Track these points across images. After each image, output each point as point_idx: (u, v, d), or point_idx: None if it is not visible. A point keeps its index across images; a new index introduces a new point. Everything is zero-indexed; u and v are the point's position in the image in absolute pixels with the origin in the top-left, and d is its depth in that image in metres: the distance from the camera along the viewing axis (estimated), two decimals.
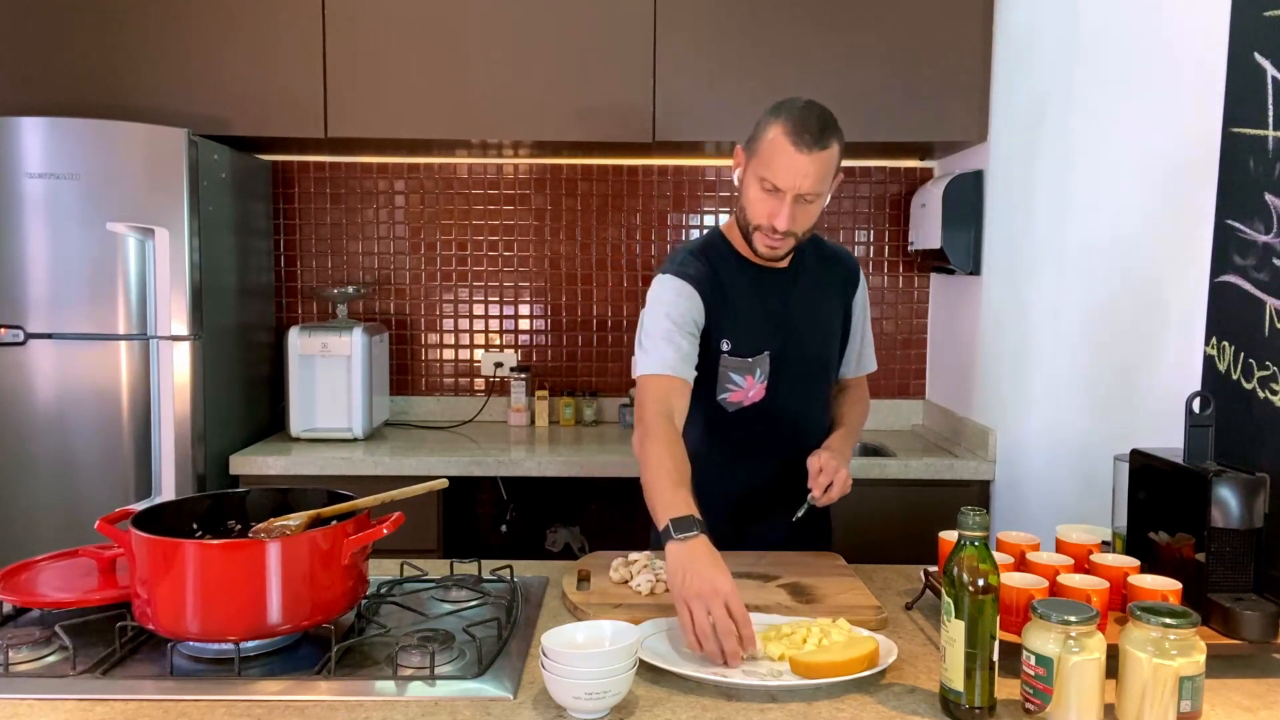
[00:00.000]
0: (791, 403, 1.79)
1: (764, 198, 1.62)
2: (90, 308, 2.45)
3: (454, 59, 2.72)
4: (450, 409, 3.23)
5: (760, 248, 1.68)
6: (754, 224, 1.66)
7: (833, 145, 1.60)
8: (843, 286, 1.86)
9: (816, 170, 1.58)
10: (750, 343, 1.74)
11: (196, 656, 1.26)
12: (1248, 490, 1.28)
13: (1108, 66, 2.05)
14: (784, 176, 1.58)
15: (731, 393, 1.76)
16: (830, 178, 1.63)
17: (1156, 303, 1.82)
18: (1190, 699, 1.07)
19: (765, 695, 1.17)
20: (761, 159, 1.61)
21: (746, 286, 1.75)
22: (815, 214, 1.65)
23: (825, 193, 1.64)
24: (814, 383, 1.83)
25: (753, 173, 1.63)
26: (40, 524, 2.46)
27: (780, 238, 1.64)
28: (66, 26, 2.70)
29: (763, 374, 1.75)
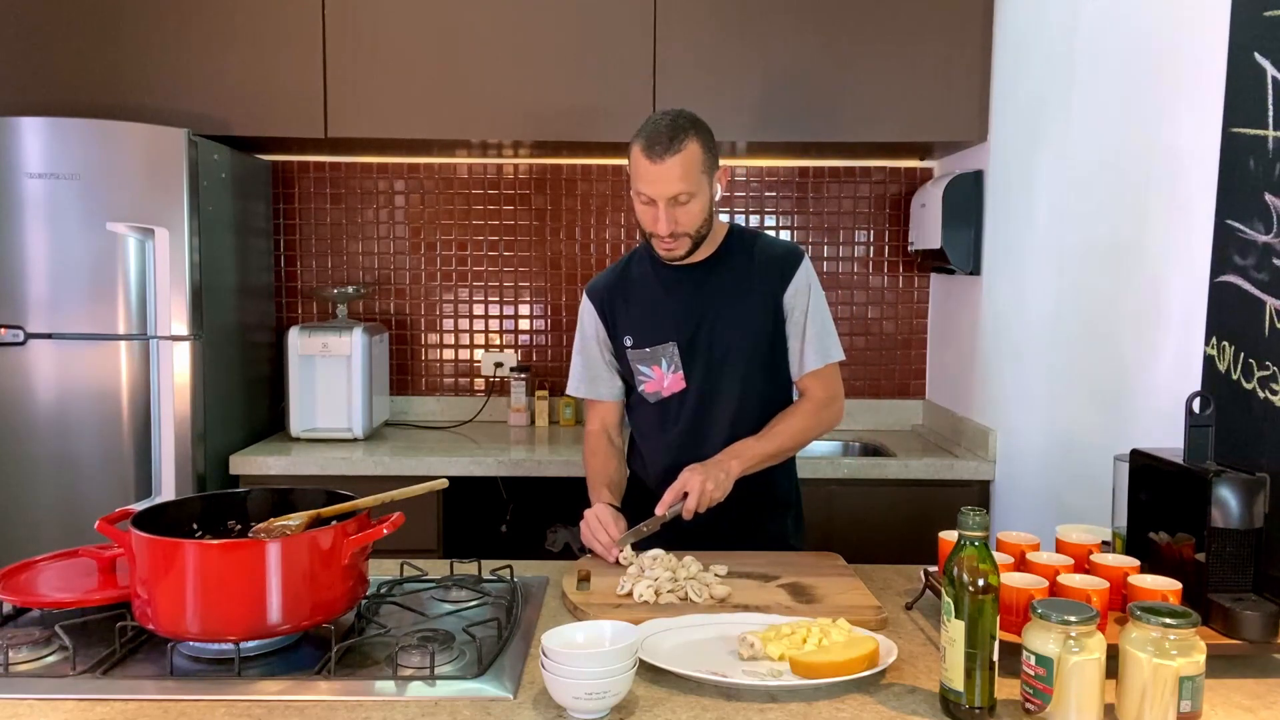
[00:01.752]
0: (718, 390, 1.85)
1: (644, 209, 1.76)
2: (90, 308, 2.45)
3: (454, 59, 2.72)
4: (450, 409, 3.23)
5: (659, 252, 1.81)
6: (647, 231, 1.79)
7: (687, 146, 1.70)
8: (769, 280, 1.85)
9: (674, 174, 1.70)
10: (649, 335, 1.86)
11: (196, 656, 1.26)
12: (1248, 490, 1.28)
13: (1108, 66, 2.05)
14: (648, 187, 1.72)
15: (645, 383, 1.88)
16: (697, 175, 1.72)
17: (1156, 303, 1.81)
18: (1190, 699, 1.07)
19: (765, 695, 1.17)
20: (633, 176, 1.76)
21: (655, 284, 1.88)
22: (698, 212, 1.75)
23: (700, 190, 1.74)
24: (739, 371, 1.85)
25: (633, 189, 1.77)
26: (40, 524, 2.46)
27: (670, 240, 1.76)
28: (66, 26, 2.70)
29: (671, 364, 1.85)
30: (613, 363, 1.94)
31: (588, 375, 1.95)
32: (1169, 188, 1.79)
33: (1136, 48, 1.93)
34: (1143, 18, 1.91)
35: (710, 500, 1.69)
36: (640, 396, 1.91)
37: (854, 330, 3.21)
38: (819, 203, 3.20)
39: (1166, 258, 1.79)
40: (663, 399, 1.88)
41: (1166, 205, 1.80)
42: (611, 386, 1.95)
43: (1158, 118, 1.84)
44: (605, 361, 1.94)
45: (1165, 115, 1.81)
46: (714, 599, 1.45)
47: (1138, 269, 1.90)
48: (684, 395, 1.86)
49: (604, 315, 1.91)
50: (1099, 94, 2.08)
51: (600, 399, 1.96)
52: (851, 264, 3.21)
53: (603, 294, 1.92)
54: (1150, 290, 1.84)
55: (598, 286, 1.94)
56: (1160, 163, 1.82)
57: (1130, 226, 1.93)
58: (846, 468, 2.62)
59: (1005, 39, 2.64)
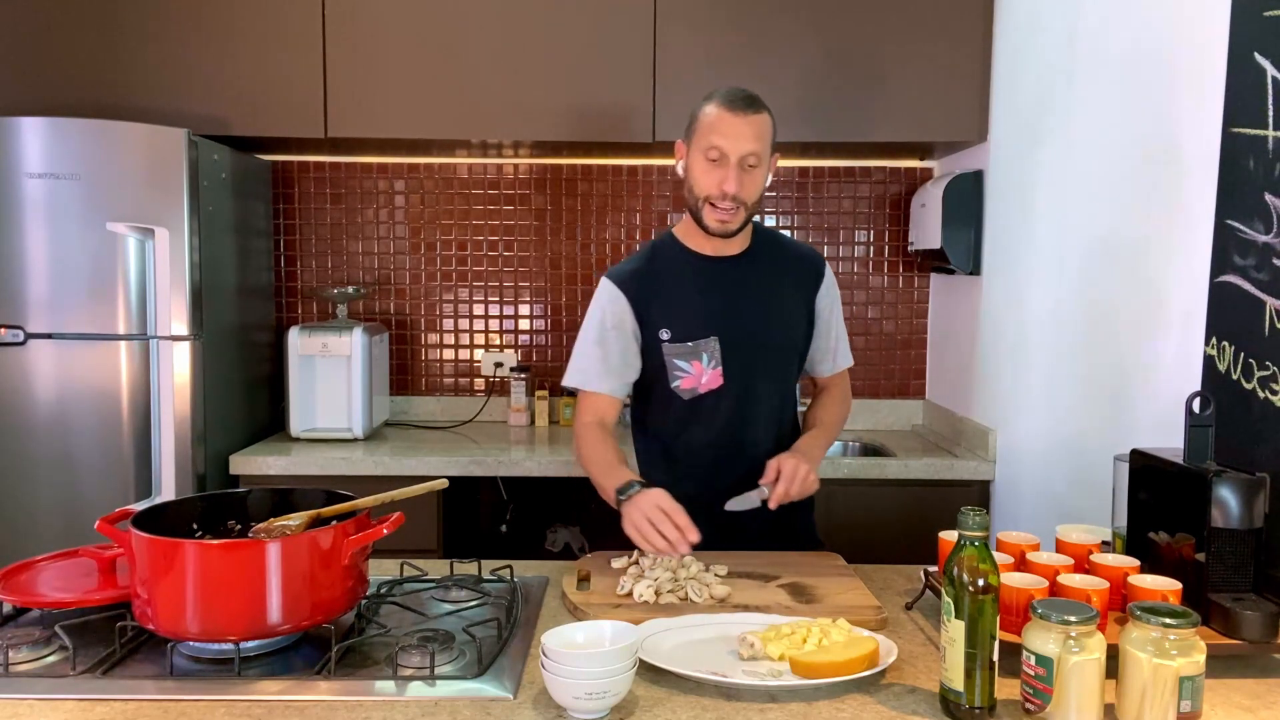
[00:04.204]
0: (754, 388, 1.81)
1: (710, 169, 1.70)
2: (90, 308, 2.45)
3: (454, 59, 2.72)
4: (450, 409, 3.23)
5: (712, 223, 1.74)
6: (703, 197, 1.73)
7: (764, 114, 1.71)
8: (805, 281, 1.87)
9: (754, 132, 1.69)
10: (690, 329, 1.79)
11: (196, 656, 1.26)
12: (1248, 490, 1.28)
13: (1108, 66, 2.05)
14: (726, 140, 1.68)
15: (682, 379, 1.80)
16: (768, 146, 1.72)
17: (1156, 303, 1.81)
18: (1190, 699, 1.07)
19: (765, 695, 1.17)
20: (702, 134, 1.71)
21: (690, 277, 1.82)
22: (759, 183, 1.73)
23: (764, 163, 1.72)
24: (775, 369, 1.84)
25: (696, 149, 1.72)
26: (40, 524, 2.46)
27: (731, 207, 1.70)
28: (66, 26, 2.70)
29: (712, 359, 1.79)
30: (636, 356, 1.82)
31: (604, 367, 1.80)
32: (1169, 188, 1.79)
33: (1136, 48, 1.93)
34: (1143, 18, 1.91)
35: (803, 492, 1.67)
36: (670, 393, 1.80)
37: (854, 330, 3.21)
38: (819, 203, 3.20)
39: (1166, 258, 1.79)
40: (698, 395, 1.80)
41: (1166, 205, 1.80)
42: (624, 381, 1.83)
43: (1158, 118, 1.84)
44: (629, 354, 1.81)
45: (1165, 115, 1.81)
46: (714, 599, 1.45)
47: (1138, 269, 1.90)
48: (720, 392, 1.79)
49: (635, 305, 1.79)
50: (1099, 94, 2.08)
51: (609, 394, 1.82)
52: (851, 264, 3.21)
53: (633, 284, 1.80)
54: (1150, 290, 1.84)
55: (626, 275, 1.82)
56: (1160, 163, 1.82)
57: (1130, 226, 1.93)
58: (846, 468, 2.62)
59: (1005, 39, 2.64)
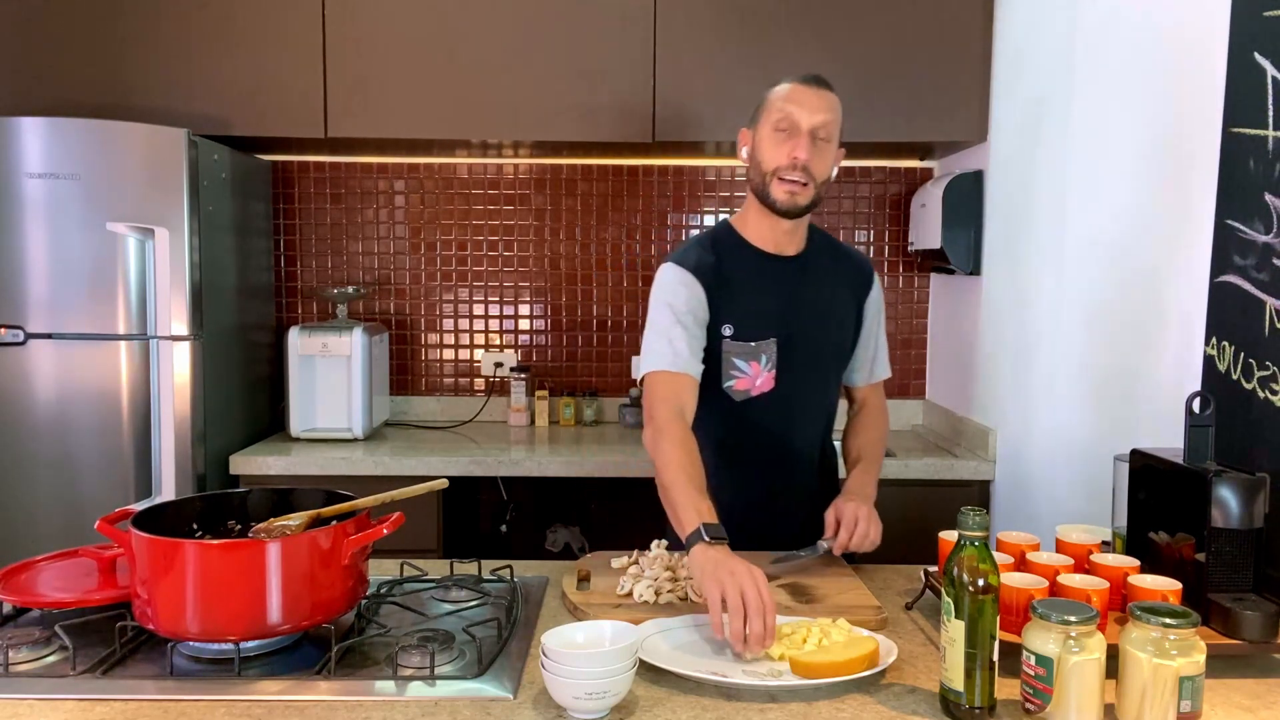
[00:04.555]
0: (803, 392, 1.77)
1: (781, 140, 1.66)
2: (90, 308, 2.45)
3: (454, 59, 2.72)
4: (450, 409, 3.23)
5: (780, 195, 1.67)
6: (771, 169, 1.67)
7: (836, 97, 1.68)
8: (855, 284, 1.84)
9: (827, 105, 1.66)
10: (754, 328, 1.72)
11: (196, 656, 1.26)
12: (1248, 490, 1.28)
13: (1108, 66, 2.05)
14: (799, 110, 1.64)
15: (737, 380, 1.73)
16: (837, 124, 1.69)
17: (1156, 303, 1.82)
18: (1190, 699, 1.07)
19: (765, 695, 1.17)
20: (773, 107, 1.68)
21: (752, 274, 1.75)
22: (829, 162, 1.69)
23: (833, 142, 1.68)
24: (825, 372, 1.81)
25: (765, 124, 1.68)
26: (40, 524, 2.46)
27: (801, 179, 1.65)
28: (66, 26, 2.70)
29: (769, 361, 1.73)
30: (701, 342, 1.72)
31: (689, 348, 1.66)
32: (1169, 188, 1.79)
33: (1136, 48, 1.93)
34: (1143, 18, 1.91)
35: (872, 543, 1.61)
36: (720, 392, 1.73)
37: None
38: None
39: (1167, 258, 1.79)
40: (750, 397, 1.74)
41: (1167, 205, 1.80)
42: (701, 367, 1.70)
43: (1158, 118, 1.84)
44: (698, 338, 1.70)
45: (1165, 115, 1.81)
46: None
47: (1138, 269, 1.90)
48: (770, 396, 1.74)
49: (708, 295, 1.70)
50: (1099, 94, 2.08)
51: (694, 376, 1.67)
52: None
53: (707, 274, 1.71)
54: (1150, 290, 1.84)
55: (698, 264, 1.72)
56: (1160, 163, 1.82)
57: (1130, 227, 1.93)
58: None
59: (1005, 39, 2.64)
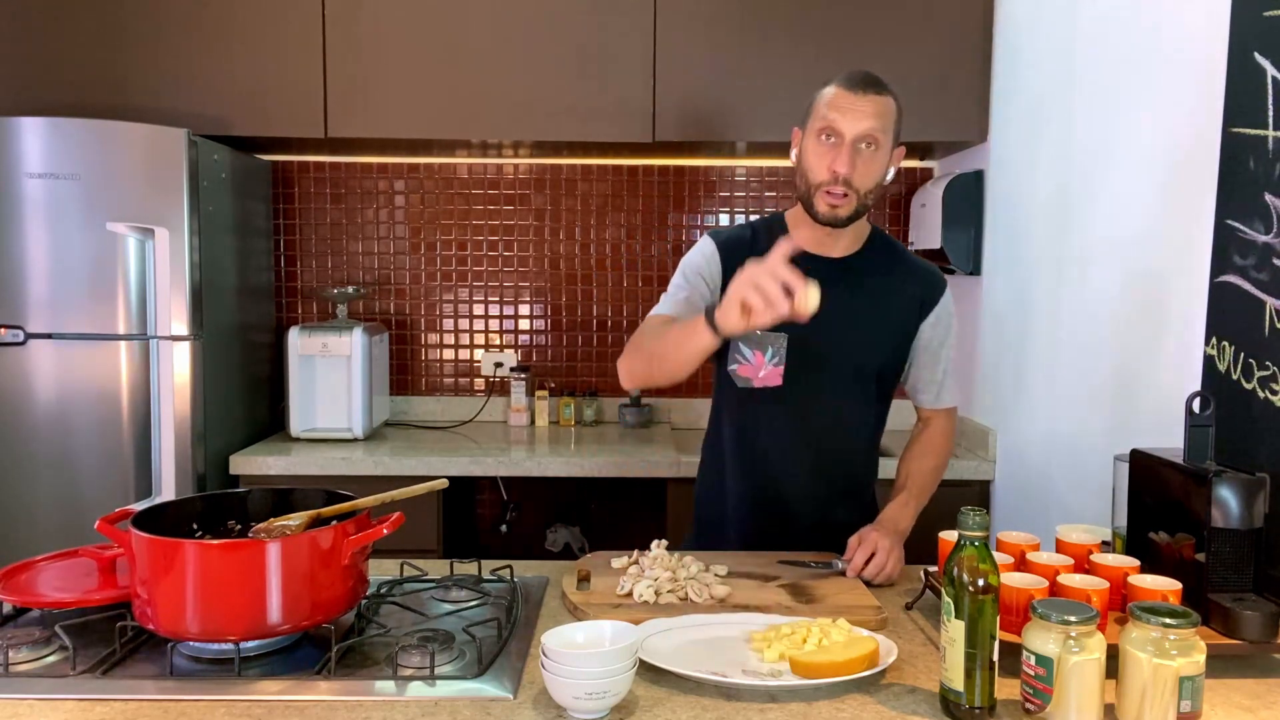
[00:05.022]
0: (815, 400, 1.72)
1: (824, 150, 1.61)
2: (90, 308, 2.45)
3: (454, 59, 2.72)
4: (450, 409, 3.23)
5: (822, 207, 1.63)
6: (814, 181, 1.63)
7: (889, 96, 1.61)
8: (917, 297, 1.74)
9: (874, 110, 1.59)
10: None
11: (196, 656, 1.26)
12: (1248, 490, 1.27)
13: (1108, 66, 2.05)
14: (842, 118, 1.58)
15: (740, 365, 1.68)
16: (890, 132, 1.62)
17: (1156, 303, 1.81)
18: (1190, 699, 1.07)
19: (765, 695, 1.17)
20: (819, 115, 1.62)
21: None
22: (877, 170, 1.62)
23: (887, 146, 1.62)
24: (844, 386, 1.73)
25: (812, 131, 1.63)
26: (40, 524, 2.46)
27: (842, 192, 1.60)
28: (66, 26, 2.70)
29: (776, 355, 1.66)
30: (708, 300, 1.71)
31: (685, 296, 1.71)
32: (1169, 187, 1.79)
33: (1136, 47, 1.93)
34: (1142, 18, 1.91)
35: (887, 577, 1.58)
36: (726, 374, 1.69)
37: None
38: None
39: (1166, 258, 1.79)
40: (752, 389, 1.66)
41: (1166, 205, 1.80)
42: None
43: (1157, 118, 1.84)
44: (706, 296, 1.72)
45: (1165, 115, 1.81)
46: (714, 599, 1.45)
47: (1138, 269, 1.90)
48: (779, 394, 1.66)
49: (726, 270, 1.69)
50: (1099, 94, 2.08)
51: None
52: None
53: (730, 249, 1.70)
54: (1150, 290, 1.84)
55: (726, 239, 1.73)
56: (1160, 162, 1.82)
57: (1130, 227, 1.93)
58: None
59: (1005, 39, 2.64)
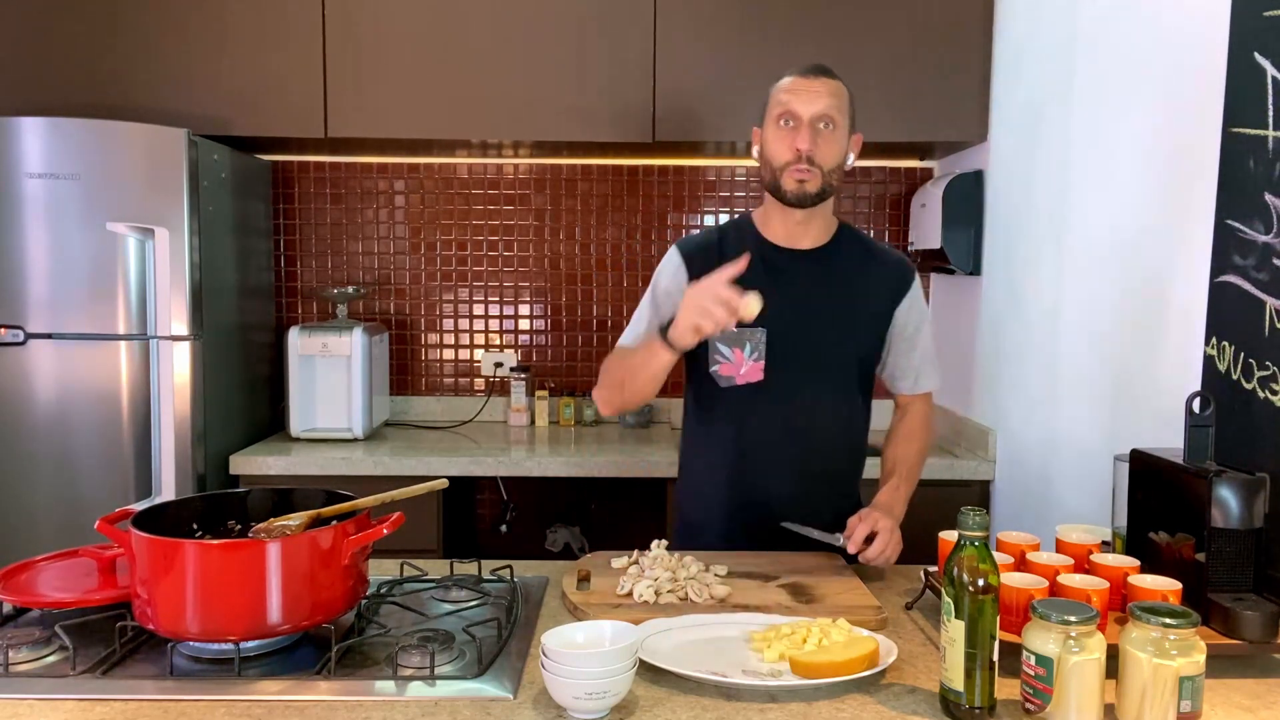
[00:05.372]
0: (797, 392, 1.74)
1: (785, 134, 1.67)
2: (90, 308, 2.45)
3: (454, 59, 2.72)
4: (450, 409, 3.23)
5: (790, 185, 1.68)
6: (779, 164, 1.68)
7: (839, 82, 1.69)
8: (889, 286, 1.79)
9: (828, 91, 1.66)
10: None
11: (196, 656, 1.26)
12: (1248, 490, 1.28)
13: (1108, 66, 2.05)
14: (797, 100, 1.66)
15: (721, 365, 1.74)
16: (845, 114, 1.69)
17: (1156, 303, 1.81)
18: (1190, 699, 1.07)
19: (765, 695, 1.17)
20: (776, 102, 1.68)
21: (756, 263, 1.69)
22: (838, 149, 1.69)
23: (841, 127, 1.68)
24: (825, 376, 1.76)
25: (770, 120, 1.69)
26: (40, 524, 2.46)
27: (806, 168, 1.66)
28: (66, 26, 2.70)
29: (755, 351, 1.72)
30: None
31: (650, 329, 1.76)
32: (1169, 187, 1.79)
33: (1136, 48, 1.93)
34: (1142, 18, 1.91)
35: (886, 560, 1.60)
36: (707, 375, 1.75)
37: None
38: None
39: (1166, 258, 1.79)
40: (735, 386, 1.73)
41: (1166, 205, 1.80)
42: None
43: (1157, 118, 1.84)
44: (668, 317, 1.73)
45: (1165, 115, 1.81)
46: (714, 599, 1.45)
47: (1138, 269, 1.90)
48: (759, 389, 1.72)
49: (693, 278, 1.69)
50: (1099, 94, 2.08)
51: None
52: None
53: (696, 255, 1.76)
54: (1150, 290, 1.84)
55: (693, 248, 1.79)
56: (1160, 162, 1.82)
57: (1130, 227, 1.93)
58: None
59: (1005, 39, 2.64)
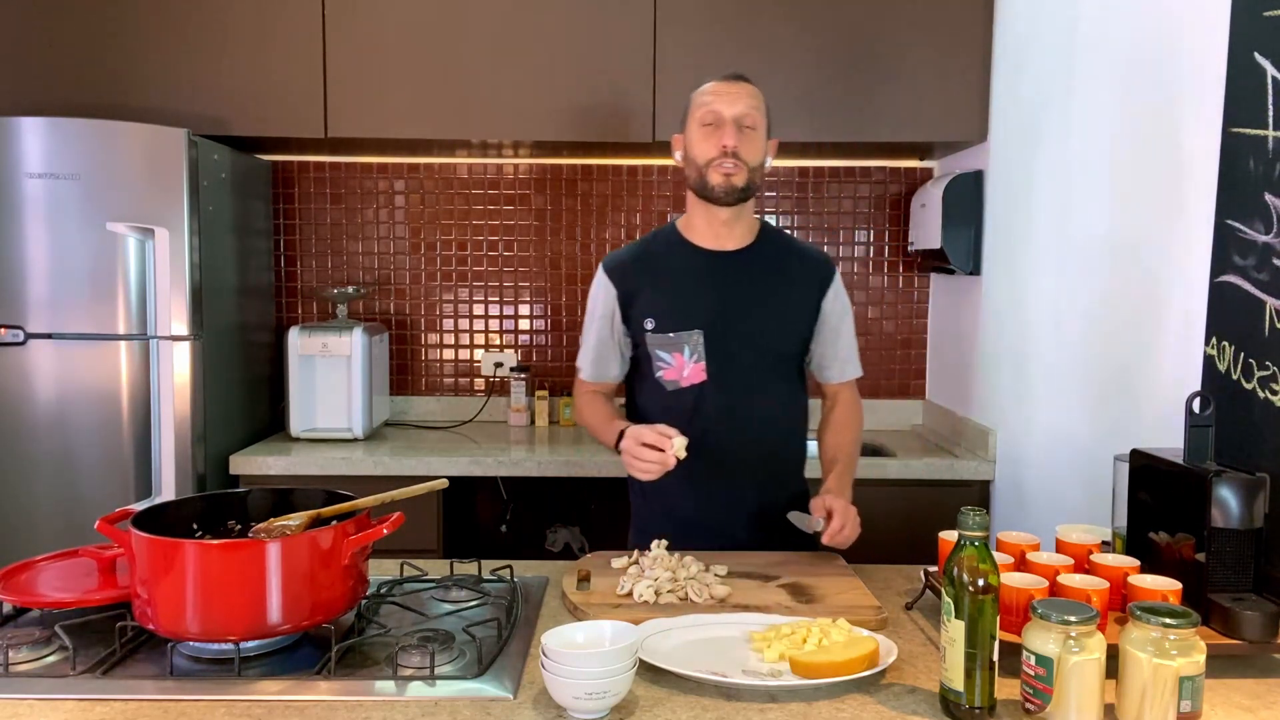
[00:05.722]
0: (741, 385, 1.80)
1: (709, 133, 1.74)
2: (90, 308, 2.45)
3: (454, 59, 2.72)
4: (450, 409, 3.23)
5: (716, 179, 1.74)
6: (704, 161, 1.74)
7: (757, 88, 1.78)
8: (810, 282, 1.85)
9: (747, 93, 1.75)
10: (674, 320, 1.78)
11: (196, 656, 1.26)
12: (1248, 490, 1.28)
13: (1108, 66, 2.05)
14: (719, 101, 1.73)
15: (664, 370, 1.81)
16: (763, 115, 1.77)
17: (1156, 303, 1.81)
18: (1190, 699, 1.07)
19: (765, 695, 1.17)
20: (699, 105, 1.76)
21: (684, 268, 1.81)
22: (758, 148, 1.76)
23: (762, 128, 1.76)
24: (766, 369, 1.82)
25: (693, 123, 1.77)
26: (40, 524, 2.46)
27: (733, 162, 1.72)
28: (66, 26, 2.70)
29: (695, 353, 1.78)
30: (623, 344, 1.85)
31: (596, 355, 1.87)
32: (1169, 188, 1.79)
33: (1136, 48, 1.93)
34: (1142, 18, 1.91)
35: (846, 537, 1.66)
36: (655, 384, 1.82)
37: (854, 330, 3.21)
38: (819, 203, 3.20)
39: (1166, 258, 1.79)
40: (680, 389, 1.80)
41: (1166, 205, 1.80)
42: (617, 368, 1.88)
43: (1158, 118, 1.84)
44: (614, 343, 1.85)
45: (1165, 115, 1.81)
46: (714, 599, 1.45)
47: (1138, 269, 1.90)
48: (703, 388, 1.78)
49: (622, 294, 1.82)
50: (1099, 94, 2.08)
51: (592, 380, 1.89)
52: (851, 264, 3.21)
53: (622, 271, 1.83)
54: (1150, 290, 1.84)
55: (615, 264, 1.85)
56: (1160, 163, 1.82)
57: (1130, 226, 1.93)
58: None
59: (1005, 39, 2.63)
